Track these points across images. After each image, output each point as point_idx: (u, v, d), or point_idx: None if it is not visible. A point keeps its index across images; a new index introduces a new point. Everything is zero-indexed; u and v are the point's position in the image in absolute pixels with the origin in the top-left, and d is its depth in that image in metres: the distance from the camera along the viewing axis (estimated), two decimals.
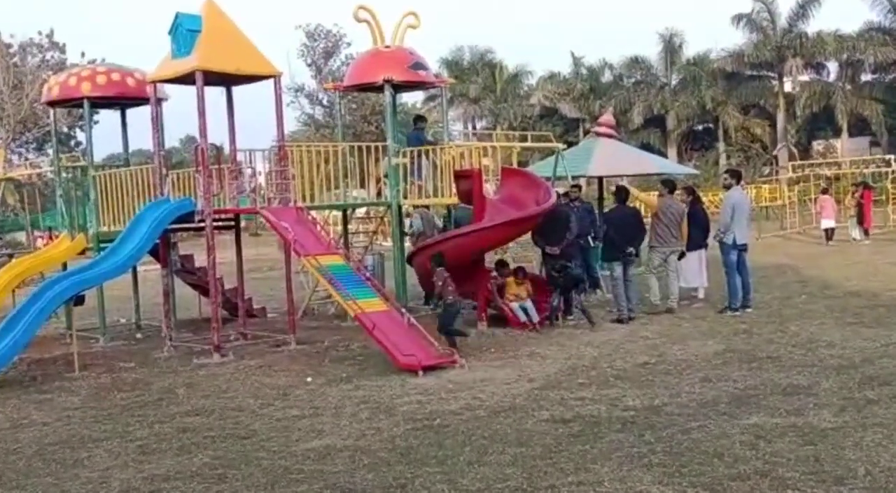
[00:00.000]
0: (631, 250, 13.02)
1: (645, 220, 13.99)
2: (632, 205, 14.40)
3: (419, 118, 15.79)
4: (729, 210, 12.74)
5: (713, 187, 42.22)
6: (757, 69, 55.01)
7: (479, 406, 7.92)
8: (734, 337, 10.83)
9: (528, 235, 13.88)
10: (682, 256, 13.70)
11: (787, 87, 54.60)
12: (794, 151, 46.19)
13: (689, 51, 57.20)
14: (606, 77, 60.76)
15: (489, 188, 13.71)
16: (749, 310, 12.68)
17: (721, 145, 55.89)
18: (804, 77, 53.98)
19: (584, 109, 58.05)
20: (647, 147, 48.30)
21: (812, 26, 52.67)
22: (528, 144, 19.34)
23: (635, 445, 6.45)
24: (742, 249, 12.88)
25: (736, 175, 13.69)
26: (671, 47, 56.61)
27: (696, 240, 13.65)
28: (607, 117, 21.50)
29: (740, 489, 5.43)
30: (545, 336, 11.70)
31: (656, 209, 13.64)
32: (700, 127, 60.43)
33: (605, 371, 9.19)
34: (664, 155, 50.12)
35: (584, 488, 5.61)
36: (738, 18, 53.72)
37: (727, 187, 13.41)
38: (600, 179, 22.03)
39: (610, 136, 20.38)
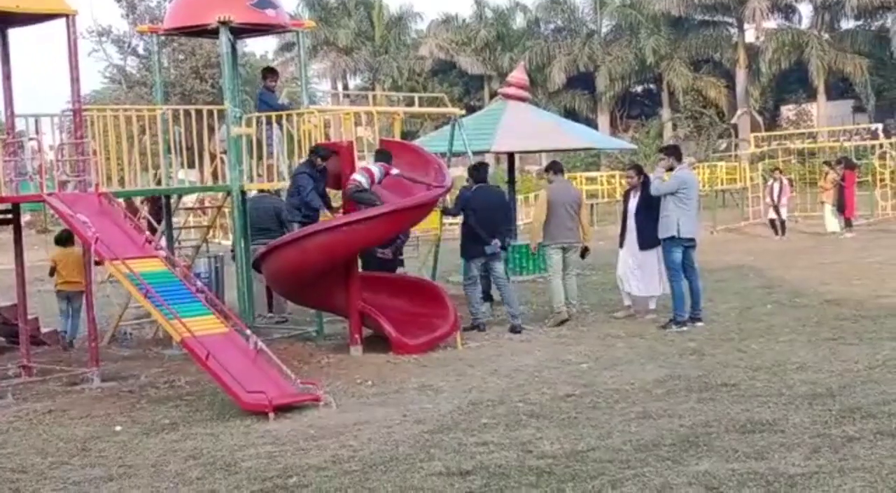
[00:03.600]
0: (496, 241, 13.56)
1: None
2: (497, 185, 14.89)
3: (269, 72, 15.67)
4: (674, 183, 13.11)
5: (655, 166, 43.20)
6: (711, 13, 56.65)
7: (350, 458, 7.91)
8: (680, 360, 11.13)
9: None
10: (584, 252, 14.42)
11: (750, 36, 56.25)
12: (759, 118, 47.75)
13: None
14: (518, 23, 61.77)
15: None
16: (699, 324, 13.11)
17: (666, 112, 57.35)
18: (770, 24, 55.65)
19: (489, 63, 58.83)
20: (571, 114, 49.43)
21: None
22: (417, 109, 19.51)
23: None
24: (689, 245, 13.25)
25: (674, 151, 13.91)
26: None
27: (652, 235, 13.77)
28: (519, 75, 21.81)
29: None
30: (439, 363, 11.80)
31: (545, 198, 14.38)
32: (639, 88, 62.03)
33: (516, 407, 9.30)
34: (593, 124, 51.20)
35: None
36: None
37: (669, 170, 13.61)
38: (510, 155, 22.39)
39: (522, 98, 20.70)
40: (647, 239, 13.85)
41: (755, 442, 7.68)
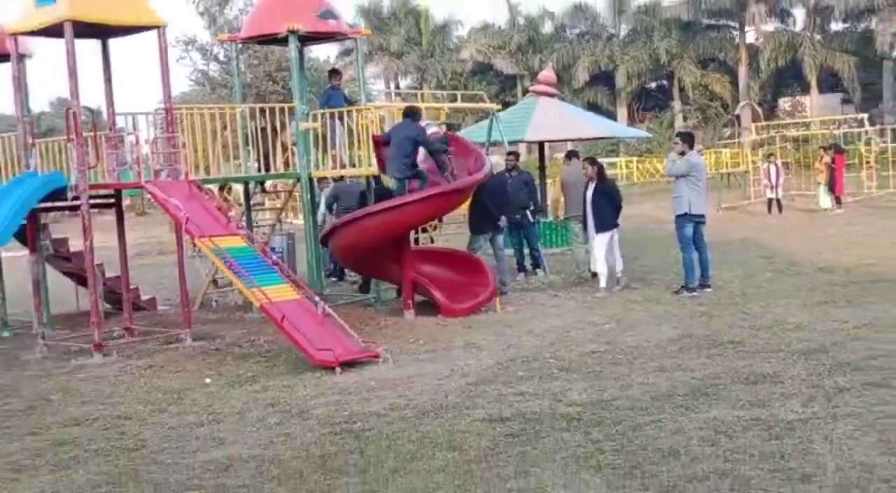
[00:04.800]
0: (504, 218, 14.15)
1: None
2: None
3: (334, 72, 15.62)
4: (685, 166, 12.92)
5: (668, 152, 42.90)
6: (716, 18, 55.90)
7: (405, 406, 7.96)
8: (691, 321, 11.06)
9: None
10: None
11: (750, 37, 55.58)
12: (759, 109, 47.12)
13: None
14: (547, 28, 61.22)
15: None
16: (708, 290, 12.98)
17: (677, 105, 56.76)
18: (768, 26, 54.95)
19: (522, 64, 58.42)
20: (593, 107, 48.97)
21: None
22: (459, 104, 19.43)
23: (582, 444, 6.57)
24: (699, 221, 13.14)
25: (689, 138, 13.58)
26: None
27: (607, 219, 13.65)
28: (548, 74, 21.75)
29: (698, 490, 5.58)
30: (481, 324, 11.80)
31: (560, 180, 15.20)
32: (653, 84, 61.32)
33: (547, 362, 9.31)
34: (613, 116, 50.83)
35: None
36: None
37: (681, 154, 13.19)
38: (541, 144, 22.30)
39: (551, 94, 20.65)
40: (603, 223, 13.62)
41: (758, 392, 7.64)
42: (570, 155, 15.99)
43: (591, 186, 13.91)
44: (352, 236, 12.89)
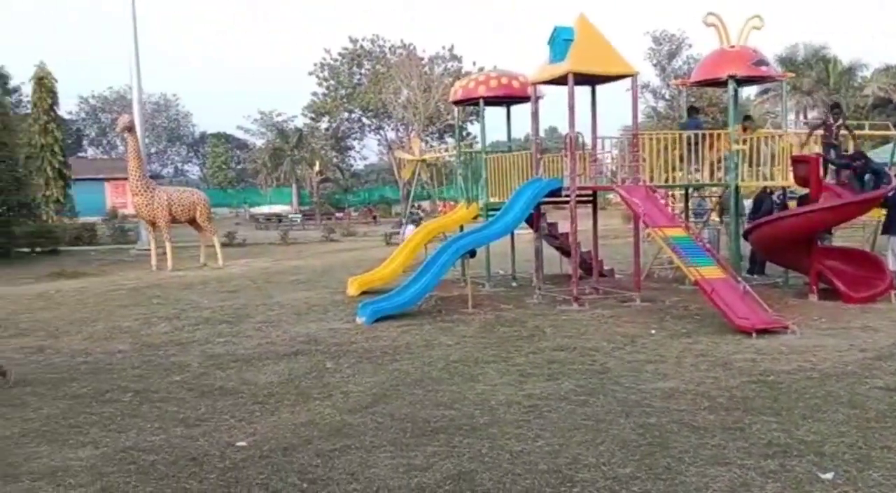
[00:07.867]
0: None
1: None
2: None
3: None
4: None
5: None
6: None
7: (810, 369, 7.29)
8: None
9: None
10: None
11: None
12: None
13: None
14: None
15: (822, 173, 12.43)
16: None
17: None
18: None
19: None
20: None
21: None
22: (866, 132, 17.22)
23: None
24: None
25: None
26: None
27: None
28: None
29: None
30: (877, 311, 10.43)
31: None
32: None
33: None
34: None
35: None
36: None
37: None
38: None
39: None
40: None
41: None
42: None
43: None
44: (770, 233, 12.02)
